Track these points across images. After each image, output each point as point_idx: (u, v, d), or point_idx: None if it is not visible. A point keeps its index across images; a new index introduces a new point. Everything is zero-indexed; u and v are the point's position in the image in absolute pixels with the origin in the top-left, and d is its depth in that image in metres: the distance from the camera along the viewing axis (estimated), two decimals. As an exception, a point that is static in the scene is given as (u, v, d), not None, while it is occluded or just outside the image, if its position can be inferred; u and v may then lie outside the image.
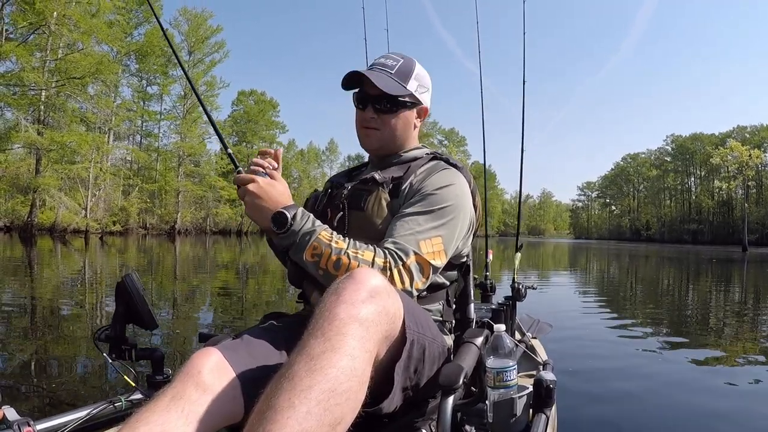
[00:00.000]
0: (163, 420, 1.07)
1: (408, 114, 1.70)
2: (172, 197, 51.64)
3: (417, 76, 1.70)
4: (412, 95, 1.68)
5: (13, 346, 4.72)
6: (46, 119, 35.47)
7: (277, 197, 1.46)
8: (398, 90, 1.63)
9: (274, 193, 1.46)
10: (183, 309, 7.23)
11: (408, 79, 1.67)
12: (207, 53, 52.74)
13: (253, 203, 1.45)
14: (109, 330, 1.71)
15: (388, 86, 1.62)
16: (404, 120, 1.69)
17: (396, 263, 1.40)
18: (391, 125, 1.68)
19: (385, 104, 1.65)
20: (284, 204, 1.45)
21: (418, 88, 1.70)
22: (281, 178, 1.51)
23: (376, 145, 1.72)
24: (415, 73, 1.70)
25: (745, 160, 74.88)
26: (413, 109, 1.71)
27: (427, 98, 1.75)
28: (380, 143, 1.71)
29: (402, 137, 1.72)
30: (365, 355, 1.03)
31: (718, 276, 18.24)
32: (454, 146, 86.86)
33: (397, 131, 1.69)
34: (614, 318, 7.87)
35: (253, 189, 1.45)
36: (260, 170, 1.49)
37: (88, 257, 17.89)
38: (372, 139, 1.70)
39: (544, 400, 1.41)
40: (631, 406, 3.66)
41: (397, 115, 1.67)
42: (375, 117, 1.67)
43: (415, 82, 1.69)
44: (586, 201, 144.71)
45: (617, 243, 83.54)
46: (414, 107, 1.71)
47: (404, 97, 1.66)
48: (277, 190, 1.47)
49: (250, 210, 1.46)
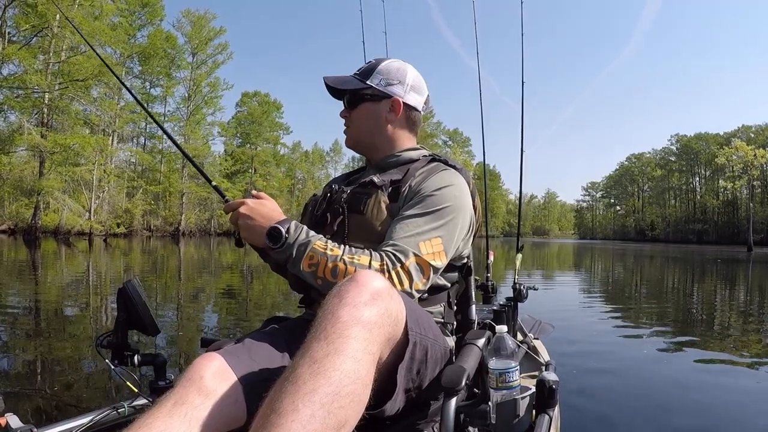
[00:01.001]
0: (166, 425, 1.07)
1: (371, 107, 1.72)
2: (177, 199, 51.75)
3: (381, 71, 1.73)
4: (372, 88, 1.71)
5: (16, 351, 4.72)
6: (50, 122, 35.55)
7: (269, 214, 1.48)
8: (353, 85, 1.72)
9: (265, 211, 1.49)
10: (187, 312, 7.23)
11: (369, 75, 1.72)
12: (210, 55, 52.87)
13: (246, 225, 1.48)
14: (112, 336, 1.71)
15: (340, 82, 1.73)
16: (368, 112, 1.73)
17: (394, 265, 1.40)
18: (356, 120, 1.75)
19: (350, 102, 1.75)
20: (277, 220, 1.46)
21: (380, 82, 1.71)
22: (269, 198, 1.55)
23: (351, 142, 1.81)
24: (380, 69, 1.73)
25: (750, 159, 74.59)
26: (378, 102, 1.72)
27: (398, 90, 1.73)
28: (353, 139, 1.79)
29: (371, 131, 1.75)
30: (368, 358, 1.03)
31: (723, 276, 18.19)
32: (458, 147, 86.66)
33: (362, 125, 1.75)
34: (617, 318, 7.86)
35: (244, 211, 1.48)
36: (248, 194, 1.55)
37: (92, 259, 17.93)
38: (347, 137, 1.80)
39: (547, 401, 1.41)
40: (634, 406, 3.65)
41: (358, 109, 1.74)
42: (347, 116, 1.77)
43: (378, 77, 1.72)
44: (591, 201, 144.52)
45: (622, 243, 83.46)
46: (378, 100, 1.72)
47: (364, 90, 1.71)
48: (268, 208, 1.50)
49: (245, 232, 1.49)
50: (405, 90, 1.74)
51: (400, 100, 1.72)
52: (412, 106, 1.76)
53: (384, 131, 1.75)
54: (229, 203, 1.54)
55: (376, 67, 1.74)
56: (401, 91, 1.73)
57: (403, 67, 1.76)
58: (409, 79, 1.75)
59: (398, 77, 1.74)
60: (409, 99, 1.75)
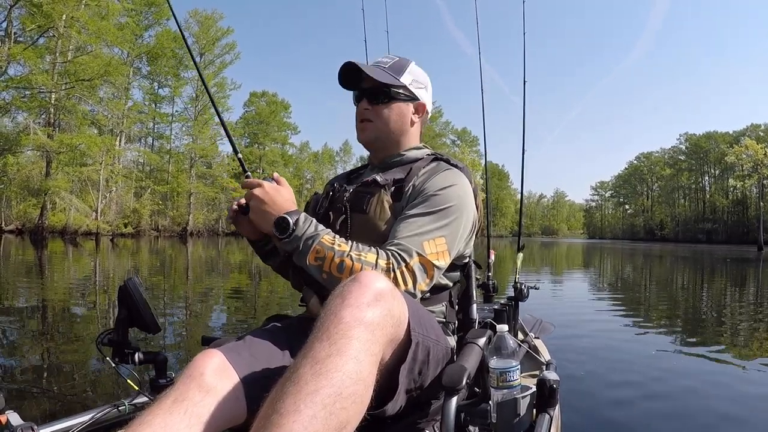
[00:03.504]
0: (166, 422, 1.07)
1: (402, 106, 1.71)
2: (184, 199, 51.83)
3: (411, 72, 1.72)
4: (405, 87, 1.70)
5: (19, 350, 4.75)
6: (57, 122, 35.67)
7: (282, 203, 1.47)
8: (390, 80, 1.66)
9: (279, 199, 1.47)
10: (191, 311, 7.25)
11: (402, 73, 1.70)
12: (218, 55, 52.91)
13: (257, 207, 1.47)
14: (112, 334, 1.72)
15: (380, 76, 1.65)
16: (398, 112, 1.70)
17: (399, 264, 1.40)
18: (384, 116, 1.69)
19: (378, 96, 1.68)
20: (288, 209, 1.46)
21: (412, 83, 1.71)
22: (288, 185, 1.53)
23: (372, 137, 1.72)
24: (409, 69, 1.72)
25: (760, 158, 74.21)
26: (408, 103, 1.72)
27: (424, 95, 1.75)
28: (375, 134, 1.72)
29: (397, 131, 1.72)
30: (370, 359, 1.03)
31: (733, 276, 18.07)
32: (467, 146, 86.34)
33: (391, 123, 1.70)
34: (622, 317, 7.85)
35: (258, 194, 1.46)
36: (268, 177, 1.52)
37: (98, 259, 17.99)
38: (367, 131, 1.72)
39: (548, 400, 1.40)
40: (635, 406, 3.64)
41: (389, 106, 1.69)
42: (369, 109, 1.69)
43: (410, 77, 1.71)
44: (600, 201, 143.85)
45: (631, 243, 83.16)
46: (409, 101, 1.72)
47: (397, 88, 1.68)
48: (283, 196, 1.48)
49: (255, 214, 1.48)
50: (429, 95, 1.78)
51: (425, 106, 1.75)
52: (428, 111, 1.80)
53: (406, 132, 1.75)
54: (248, 180, 1.52)
55: (407, 66, 1.73)
56: (426, 97, 1.76)
57: (424, 74, 1.78)
58: (430, 86, 1.79)
59: (424, 82, 1.76)
60: (429, 105, 1.79)
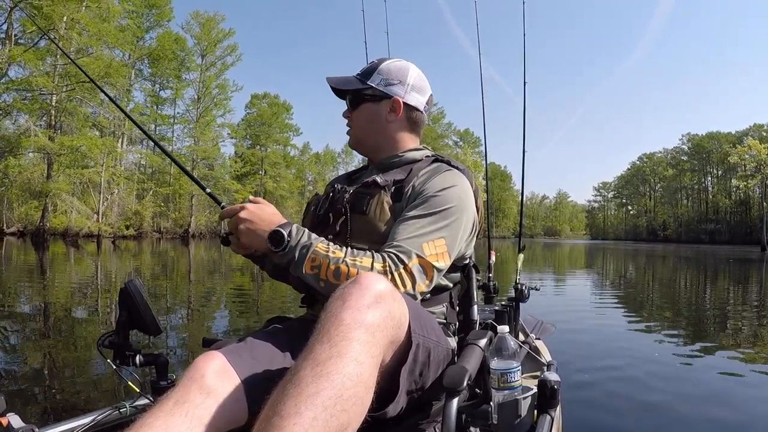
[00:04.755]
0: (167, 424, 1.07)
1: (371, 107, 1.73)
2: (186, 201, 51.85)
3: (382, 71, 1.73)
4: (373, 89, 1.71)
5: (20, 352, 4.75)
6: (58, 124, 35.68)
7: (269, 218, 1.47)
8: (353, 85, 1.73)
9: (266, 215, 1.48)
10: (192, 313, 7.25)
11: (370, 75, 1.73)
12: (220, 57, 52.96)
13: (247, 229, 1.46)
14: (113, 336, 1.71)
15: (346, 85, 1.75)
16: (367, 114, 1.74)
17: (396, 266, 1.39)
18: (357, 119, 1.76)
19: (352, 103, 1.76)
20: (278, 223, 1.46)
21: (380, 82, 1.71)
22: (266, 201, 1.53)
23: (353, 142, 1.82)
24: (380, 69, 1.73)
25: (763, 158, 74.13)
26: (378, 102, 1.72)
27: (398, 90, 1.72)
28: (354, 139, 1.81)
29: (373, 132, 1.75)
30: (371, 360, 1.03)
31: (736, 276, 18.04)
32: (469, 147, 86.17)
33: (363, 125, 1.75)
34: (623, 318, 7.84)
35: (244, 215, 1.46)
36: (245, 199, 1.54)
37: (100, 261, 18.00)
38: (350, 137, 1.82)
39: (549, 401, 1.40)
40: (636, 406, 3.62)
41: (359, 109, 1.75)
42: (349, 116, 1.79)
43: (379, 77, 1.72)
44: (602, 201, 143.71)
45: (634, 243, 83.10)
46: (378, 100, 1.72)
47: (365, 91, 1.72)
48: (267, 212, 1.49)
49: (246, 236, 1.47)
50: (406, 90, 1.73)
51: (400, 100, 1.71)
52: (413, 106, 1.75)
53: (385, 131, 1.74)
54: (229, 208, 1.52)
55: (377, 67, 1.74)
56: (401, 91, 1.72)
57: (404, 67, 1.75)
58: (411, 79, 1.74)
59: (399, 77, 1.73)
60: (410, 99, 1.74)
